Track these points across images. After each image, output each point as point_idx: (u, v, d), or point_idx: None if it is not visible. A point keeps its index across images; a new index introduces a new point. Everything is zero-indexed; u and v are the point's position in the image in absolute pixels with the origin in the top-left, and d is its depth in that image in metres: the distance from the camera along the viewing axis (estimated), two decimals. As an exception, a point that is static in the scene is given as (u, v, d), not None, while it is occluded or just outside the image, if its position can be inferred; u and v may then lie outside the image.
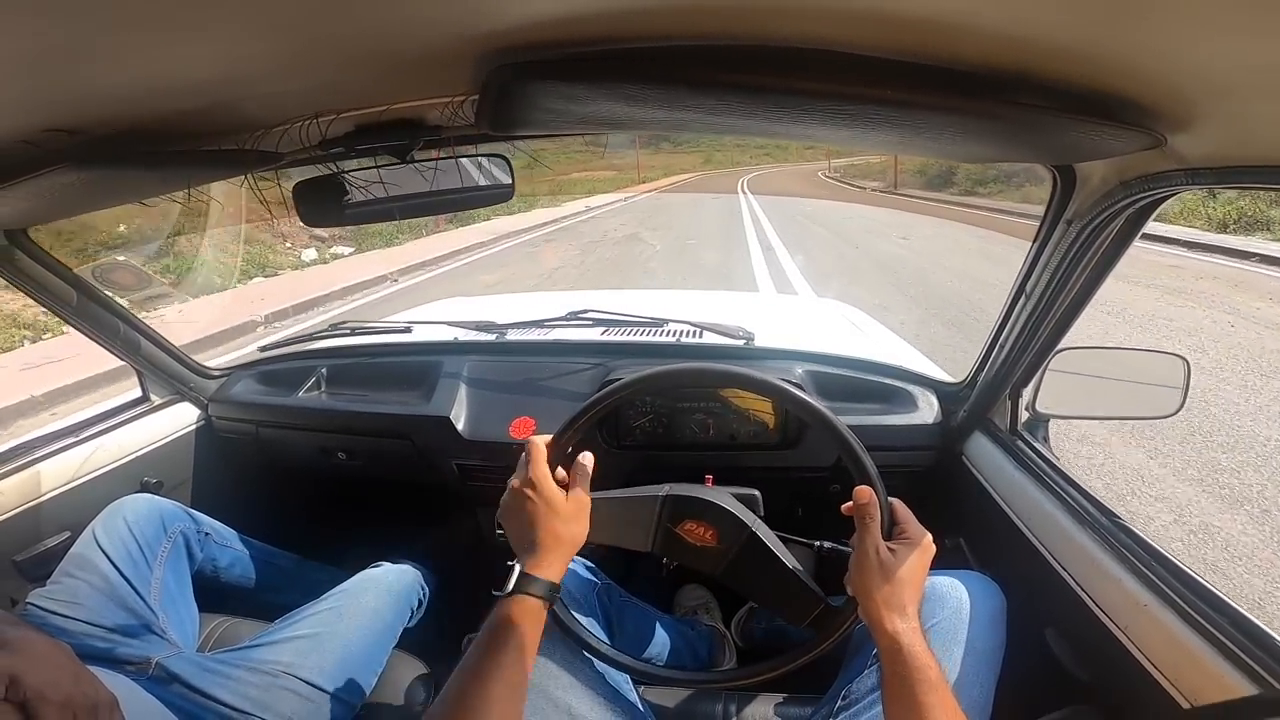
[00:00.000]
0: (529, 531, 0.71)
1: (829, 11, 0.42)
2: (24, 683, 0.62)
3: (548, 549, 0.70)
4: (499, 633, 0.64)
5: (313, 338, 1.58)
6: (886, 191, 22.43)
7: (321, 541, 1.46)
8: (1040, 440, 1.06)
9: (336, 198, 0.87)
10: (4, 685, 0.61)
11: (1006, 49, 0.46)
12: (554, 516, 0.72)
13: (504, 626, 0.65)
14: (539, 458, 0.74)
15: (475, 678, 0.61)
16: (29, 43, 0.38)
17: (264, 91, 0.59)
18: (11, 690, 0.62)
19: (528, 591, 0.67)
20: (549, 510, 0.71)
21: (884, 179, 26.54)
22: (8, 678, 0.62)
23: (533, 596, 0.67)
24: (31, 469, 1.17)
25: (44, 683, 0.64)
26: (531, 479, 0.73)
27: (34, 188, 0.65)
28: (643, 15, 0.44)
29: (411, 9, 0.42)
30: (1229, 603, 0.66)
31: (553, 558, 0.70)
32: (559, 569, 0.71)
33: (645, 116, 0.58)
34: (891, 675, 0.65)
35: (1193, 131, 0.53)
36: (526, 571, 0.68)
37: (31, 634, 0.71)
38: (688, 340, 1.43)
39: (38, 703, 0.63)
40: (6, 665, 0.63)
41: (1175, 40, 0.40)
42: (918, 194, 19.96)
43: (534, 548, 0.70)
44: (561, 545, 0.72)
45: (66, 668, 0.69)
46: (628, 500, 0.87)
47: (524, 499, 0.72)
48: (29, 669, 0.64)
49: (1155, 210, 0.72)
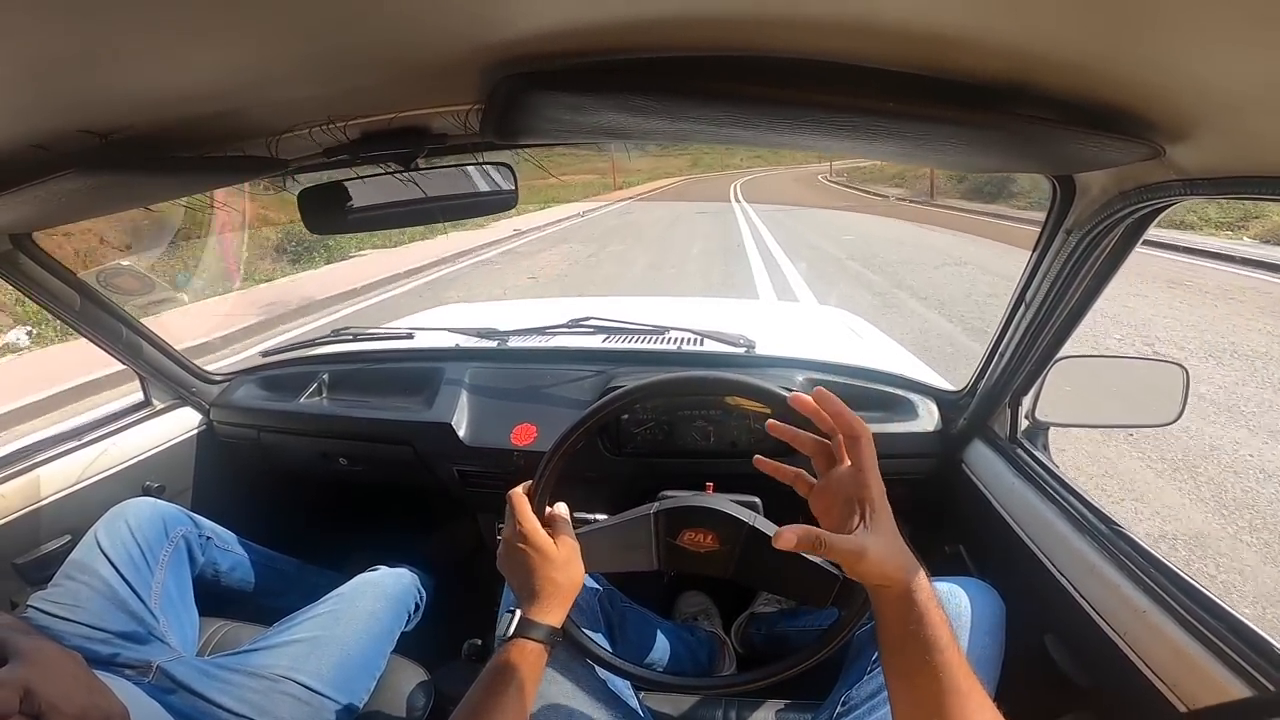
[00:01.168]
0: (527, 580, 0.74)
1: (831, 24, 0.43)
2: (39, 695, 0.62)
3: (547, 595, 0.73)
4: (501, 673, 0.67)
5: (315, 343, 1.58)
6: (917, 202, 17.44)
7: (323, 546, 1.46)
8: (1040, 448, 1.07)
9: (342, 204, 0.87)
10: (19, 697, 0.61)
11: (1007, 61, 0.47)
12: (548, 564, 0.74)
13: (506, 668, 0.67)
14: (523, 510, 0.77)
15: (476, 715, 0.64)
16: (39, 48, 0.39)
17: (273, 98, 0.60)
18: (26, 703, 0.61)
19: (528, 636, 0.70)
20: (542, 559, 0.74)
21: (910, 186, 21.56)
22: (23, 689, 0.62)
23: (533, 641, 0.70)
24: (34, 472, 1.17)
25: (58, 695, 0.64)
26: (521, 532, 0.75)
27: (41, 192, 0.65)
28: (647, 27, 0.45)
29: (421, 19, 0.43)
30: (1226, 608, 0.66)
31: (552, 604, 0.73)
32: (559, 614, 0.74)
33: (649, 127, 0.59)
34: (898, 630, 0.58)
35: (1191, 143, 0.54)
36: (527, 617, 0.71)
37: (45, 644, 0.70)
38: (688, 348, 1.43)
39: (52, 715, 0.63)
40: (22, 677, 0.63)
41: (1174, 54, 0.41)
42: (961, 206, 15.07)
43: (533, 595, 0.73)
44: (560, 591, 0.74)
45: (80, 679, 0.69)
46: (619, 526, 0.86)
47: (517, 551, 0.75)
48: (44, 681, 0.64)
49: (1154, 220, 0.72)
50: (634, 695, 0.89)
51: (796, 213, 15.28)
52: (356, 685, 1.01)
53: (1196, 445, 3.01)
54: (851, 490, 0.62)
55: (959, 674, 0.55)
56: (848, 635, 0.79)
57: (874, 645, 0.86)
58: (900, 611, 0.58)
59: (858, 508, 0.61)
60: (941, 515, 1.25)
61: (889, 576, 0.58)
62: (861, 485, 0.61)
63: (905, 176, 23.57)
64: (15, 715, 0.61)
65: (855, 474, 0.62)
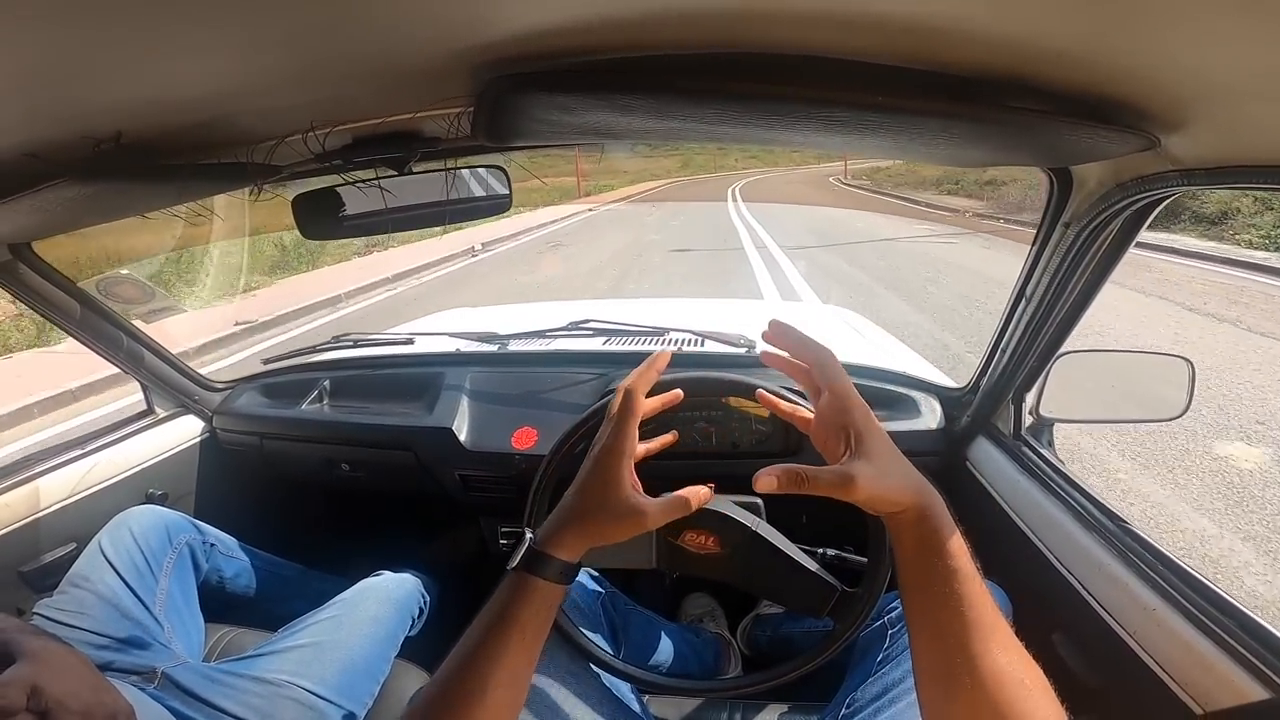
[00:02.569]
0: (577, 498, 0.61)
1: (820, 18, 0.42)
2: (45, 692, 0.63)
3: (575, 526, 0.60)
4: (502, 613, 0.57)
5: (315, 350, 1.59)
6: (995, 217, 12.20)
7: (326, 552, 1.47)
8: (1044, 444, 1.06)
9: (335, 210, 0.87)
10: (26, 694, 0.62)
11: (998, 53, 0.46)
12: (611, 498, 0.61)
13: (508, 607, 0.57)
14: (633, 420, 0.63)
15: (473, 659, 0.55)
16: (29, 58, 0.39)
17: (261, 105, 0.60)
18: (33, 700, 0.63)
19: (535, 572, 0.58)
20: (613, 490, 0.61)
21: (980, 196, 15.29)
22: (29, 687, 0.63)
23: (541, 578, 0.58)
24: (38, 481, 1.18)
25: (65, 692, 0.65)
26: (617, 447, 0.62)
27: (37, 202, 0.66)
28: (634, 26, 0.45)
29: (406, 24, 0.43)
30: (1237, 605, 0.66)
31: (575, 538, 0.60)
32: (577, 551, 0.60)
33: (639, 126, 0.59)
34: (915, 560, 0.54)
35: (1186, 133, 0.53)
36: (538, 549, 0.59)
37: (51, 644, 0.72)
38: (689, 349, 1.43)
39: (59, 712, 0.64)
40: (29, 675, 0.64)
41: (1164, 43, 0.40)
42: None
43: (562, 522, 0.60)
44: (589, 532, 0.61)
45: (86, 678, 0.70)
46: None
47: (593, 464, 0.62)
48: (50, 679, 0.65)
49: (1153, 212, 0.72)
50: (637, 699, 0.89)
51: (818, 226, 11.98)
52: (360, 690, 1.01)
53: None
54: (835, 417, 0.58)
55: (983, 608, 0.51)
56: (849, 639, 0.78)
57: (878, 646, 0.85)
58: (916, 539, 0.54)
59: (843, 434, 0.57)
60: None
61: (892, 501, 0.54)
62: (840, 410, 0.57)
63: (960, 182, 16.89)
64: (22, 712, 0.62)
65: (831, 400, 0.58)
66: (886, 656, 0.83)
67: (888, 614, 0.88)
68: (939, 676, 0.51)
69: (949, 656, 0.50)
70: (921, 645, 0.53)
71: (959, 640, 0.50)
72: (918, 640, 0.53)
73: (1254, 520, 2.51)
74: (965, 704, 0.48)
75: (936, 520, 0.54)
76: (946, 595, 0.51)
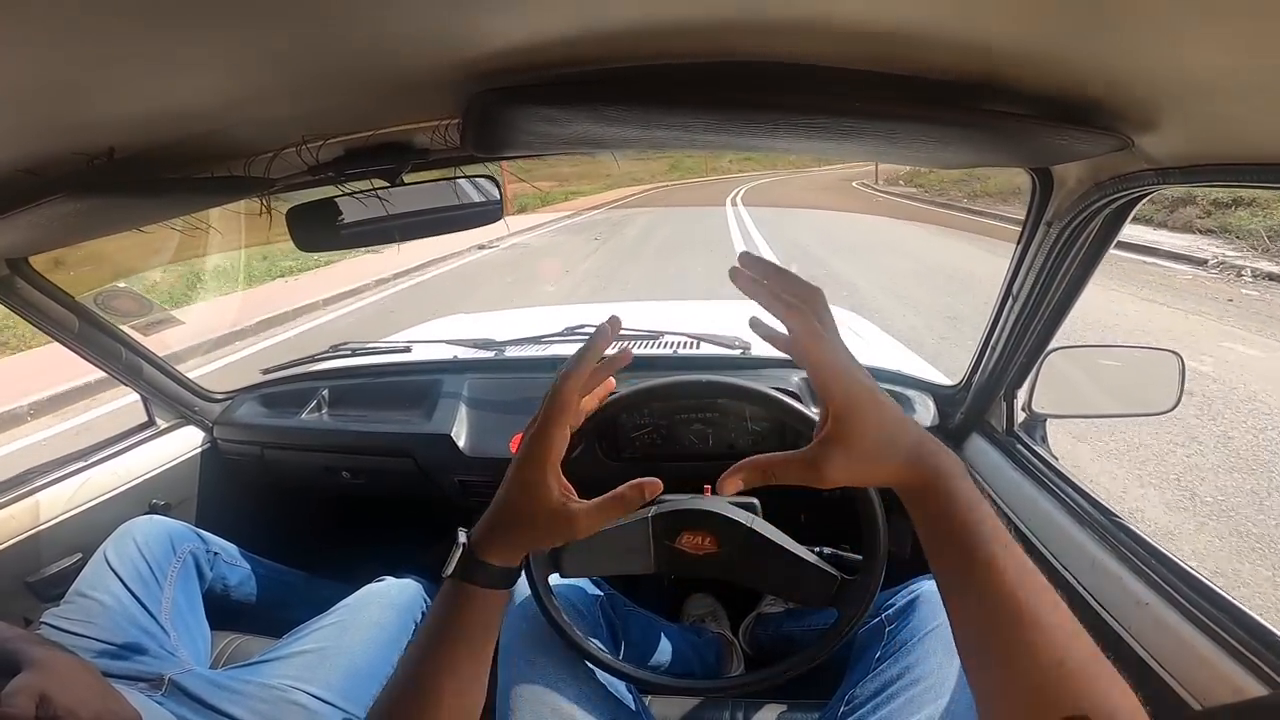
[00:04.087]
0: (503, 502, 0.57)
1: (800, 27, 0.43)
2: (54, 701, 0.64)
3: (506, 530, 0.56)
4: (445, 621, 0.55)
5: (314, 359, 1.60)
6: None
7: (329, 559, 1.48)
8: (1038, 441, 1.07)
9: (329, 221, 0.89)
10: (35, 703, 0.63)
11: (972, 56, 0.47)
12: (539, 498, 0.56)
13: (448, 615, 0.55)
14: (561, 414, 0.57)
15: (419, 672, 0.53)
16: (22, 74, 0.39)
17: (252, 119, 0.61)
18: (42, 708, 0.63)
19: (471, 579, 0.55)
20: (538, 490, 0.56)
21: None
22: (38, 695, 0.63)
23: (475, 585, 0.55)
24: (42, 493, 1.19)
25: (73, 701, 0.66)
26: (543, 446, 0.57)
27: (34, 217, 0.66)
28: (618, 39, 0.46)
29: (395, 38, 0.44)
30: (1229, 599, 0.66)
31: (503, 542, 0.56)
32: (513, 554, 0.57)
33: (624, 136, 0.60)
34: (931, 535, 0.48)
35: (1158, 133, 0.54)
36: (474, 555, 0.55)
37: (58, 653, 0.73)
38: (684, 351, 1.44)
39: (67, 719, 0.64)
40: (37, 683, 0.65)
41: (1131, 46, 0.41)
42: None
43: (494, 524, 0.57)
44: (519, 537, 0.57)
45: (93, 686, 0.71)
46: (616, 530, 0.86)
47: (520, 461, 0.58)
48: (59, 688, 0.66)
49: (1132, 210, 0.73)
50: (637, 699, 0.90)
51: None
52: (365, 694, 1.02)
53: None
54: (818, 388, 0.50)
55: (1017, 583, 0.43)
56: (848, 635, 0.79)
57: (876, 644, 0.86)
58: (924, 515, 0.48)
59: (823, 408, 0.50)
60: None
61: (878, 482, 0.50)
62: (819, 384, 0.50)
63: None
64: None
65: (811, 371, 0.50)
66: (884, 654, 0.83)
67: (885, 611, 0.89)
68: (973, 654, 0.46)
69: (981, 635, 0.45)
70: (954, 623, 0.48)
71: (991, 617, 0.44)
72: (951, 618, 0.48)
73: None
74: (1002, 685, 0.43)
75: (944, 493, 0.47)
76: (969, 568, 0.45)
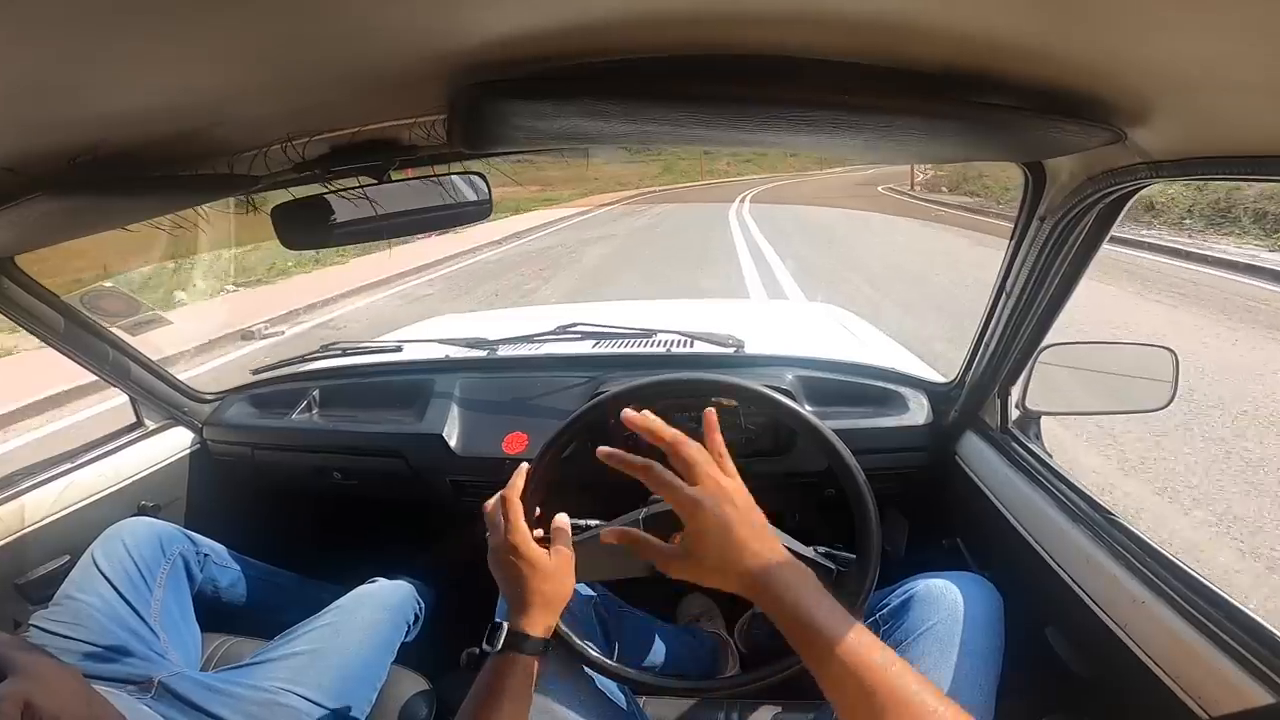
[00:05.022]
0: (516, 590, 0.71)
1: (788, 18, 0.43)
2: (39, 708, 0.63)
3: (536, 607, 0.71)
4: (494, 688, 0.66)
5: (305, 359, 1.59)
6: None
7: (321, 560, 1.46)
8: (1032, 438, 1.06)
9: (315, 220, 0.87)
10: (19, 710, 0.62)
11: (964, 49, 0.47)
12: (537, 575, 0.71)
13: (497, 683, 0.66)
14: (515, 518, 0.73)
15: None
16: (4, 71, 0.39)
17: (238, 116, 0.60)
18: (27, 716, 0.62)
19: (519, 649, 0.68)
20: (533, 570, 0.71)
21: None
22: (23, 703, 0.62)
23: (524, 654, 0.68)
24: (30, 494, 1.18)
25: (58, 708, 0.65)
26: (512, 543, 0.72)
27: (14, 216, 0.66)
28: (602, 31, 0.45)
29: (377, 33, 0.43)
30: (1224, 596, 0.66)
31: (540, 614, 0.71)
32: (548, 624, 0.72)
33: (613, 130, 0.59)
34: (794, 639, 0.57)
35: (1150, 126, 0.54)
36: (516, 629, 0.69)
37: (43, 659, 0.72)
38: (678, 350, 1.43)
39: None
40: (22, 690, 0.64)
41: (1121, 39, 0.41)
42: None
43: (523, 607, 0.71)
44: (550, 604, 0.72)
45: (79, 692, 0.70)
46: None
47: (507, 560, 0.72)
48: (44, 695, 0.65)
49: (1126, 205, 0.72)
50: (630, 700, 0.89)
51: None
52: (357, 696, 1.01)
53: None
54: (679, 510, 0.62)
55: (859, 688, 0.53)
56: (869, 590, 0.78)
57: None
58: (768, 612, 0.58)
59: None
60: (937, 509, 1.25)
61: (719, 585, 0.60)
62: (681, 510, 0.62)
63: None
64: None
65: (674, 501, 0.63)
66: None
67: (879, 611, 0.89)
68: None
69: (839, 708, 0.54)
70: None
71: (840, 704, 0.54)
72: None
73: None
74: None
75: (777, 606, 0.57)
76: (810, 660, 0.56)
